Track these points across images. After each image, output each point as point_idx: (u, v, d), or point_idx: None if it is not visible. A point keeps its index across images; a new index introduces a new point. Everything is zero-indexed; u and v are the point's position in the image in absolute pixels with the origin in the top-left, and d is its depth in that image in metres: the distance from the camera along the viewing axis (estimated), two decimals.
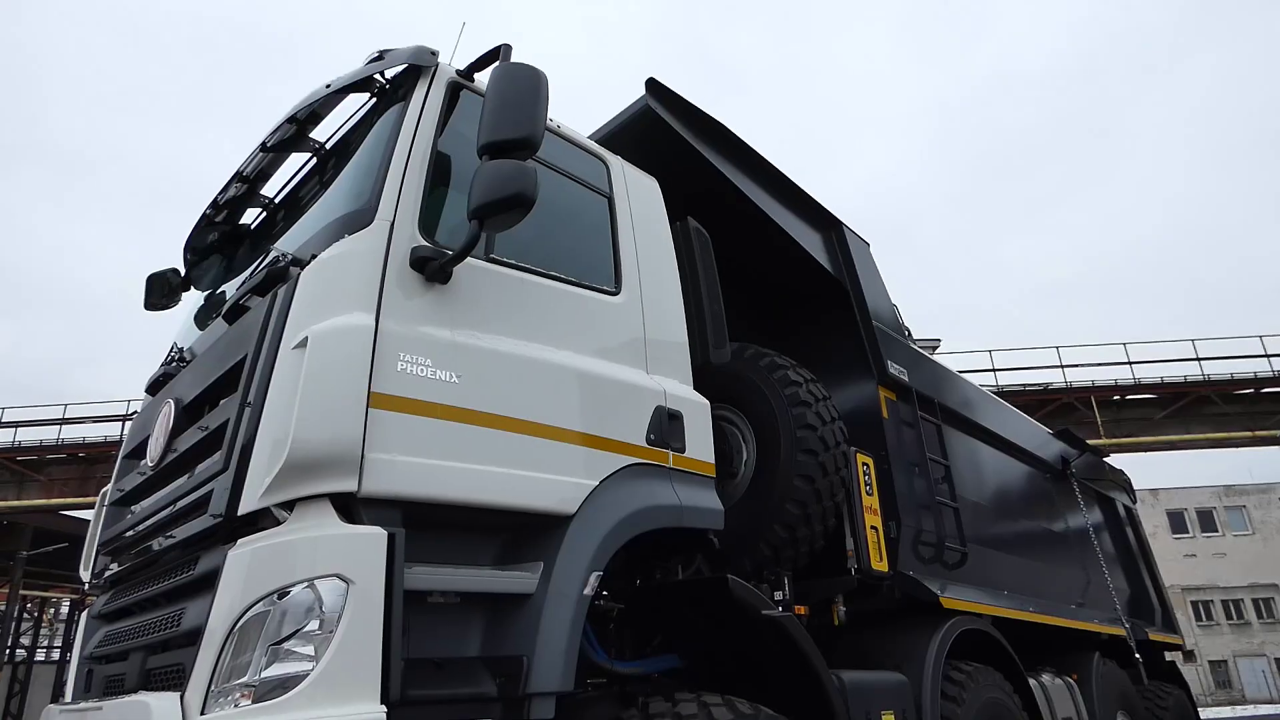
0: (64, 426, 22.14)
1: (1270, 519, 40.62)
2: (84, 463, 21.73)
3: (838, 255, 4.86)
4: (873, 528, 4.10)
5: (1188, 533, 41.17)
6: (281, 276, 2.49)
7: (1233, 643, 39.43)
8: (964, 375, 6.05)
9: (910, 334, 5.50)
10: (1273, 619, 39.77)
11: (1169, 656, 8.16)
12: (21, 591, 25.41)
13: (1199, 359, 21.27)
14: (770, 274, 4.87)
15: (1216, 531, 41.34)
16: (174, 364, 3.23)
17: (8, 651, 25.55)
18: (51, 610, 32.27)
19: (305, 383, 2.14)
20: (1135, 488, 8.82)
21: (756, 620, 3.00)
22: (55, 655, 30.82)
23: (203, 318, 3.40)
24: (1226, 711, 28.48)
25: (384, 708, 1.93)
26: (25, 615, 29.00)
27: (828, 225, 4.91)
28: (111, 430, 21.38)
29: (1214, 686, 37.70)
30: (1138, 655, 6.66)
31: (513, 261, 2.77)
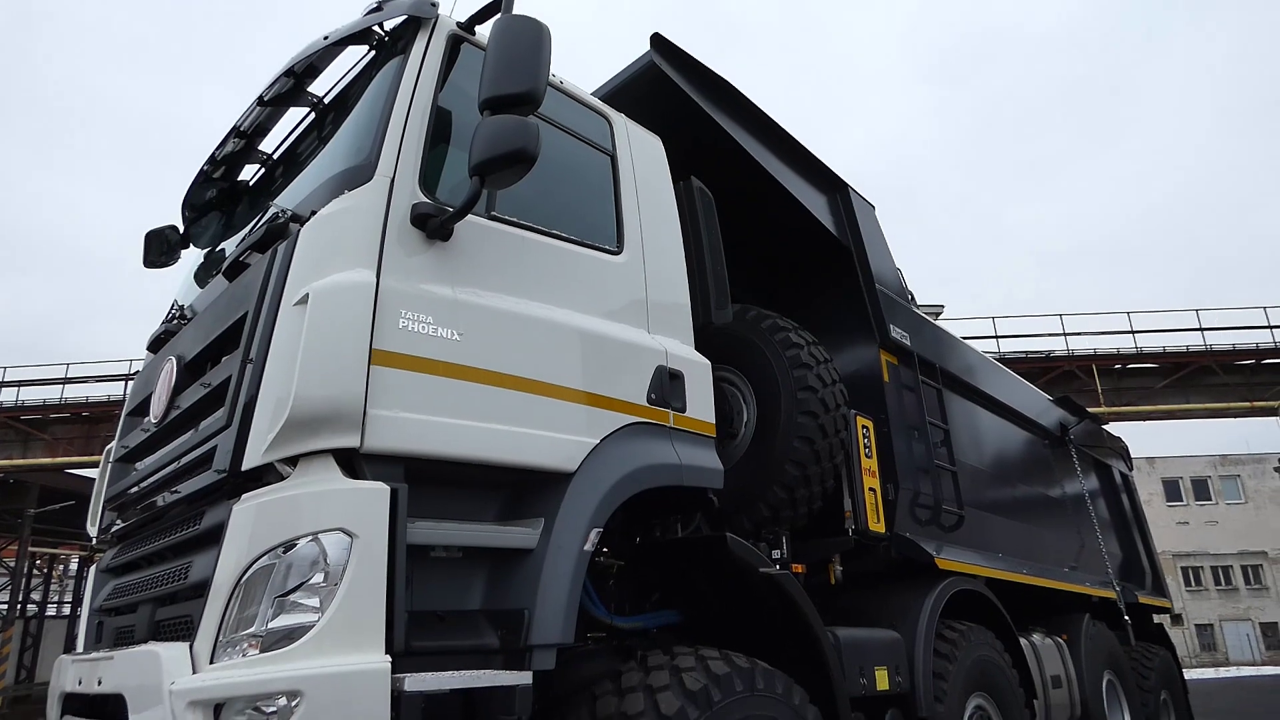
0: (66, 386, 22.18)
1: (1264, 488, 40.92)
2: (88, 422, 21.81)
3: (843, 218, 4.83)
4: (871, 490, 4.14)
5: (1181, 501, 41.53)
6: (281, 233, 2.48)
7: (1219, 607, 40.02)
8: (966, 341, 6.05)
9: (913, 298, 5.49)
10: (1260, 585, 40.30)
11: (1157, 619, 8.29)
12: (30, 549, 25.75)
13: (1202, 329, 21.23)
14: (773, 236, 4.84)
15: (1210, 500, 41.70)
16: (175, 321, 3.23)
17: (19, 607, 25.97)
18: (60, 567, 32.72)
19: (307, 339, 2.14)
20: (1133, 456, 8.88)
21: (754, 578, 3.05)
22: (66, 610, 31.33)
23: (203, 275, 3.39)
24: (1210, 673, 28.99)
25: (388, 657, 1.97)
26: (35, 572, 29.44)
27: (833, 187, 4.87)
28: (114, 390, 21.44)
29: (1199, 649, 38.34)
30: (1127, 618, 6.77)
31: (514, 219, 2.75)
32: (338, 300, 2.21)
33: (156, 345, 3.30)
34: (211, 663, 1.97)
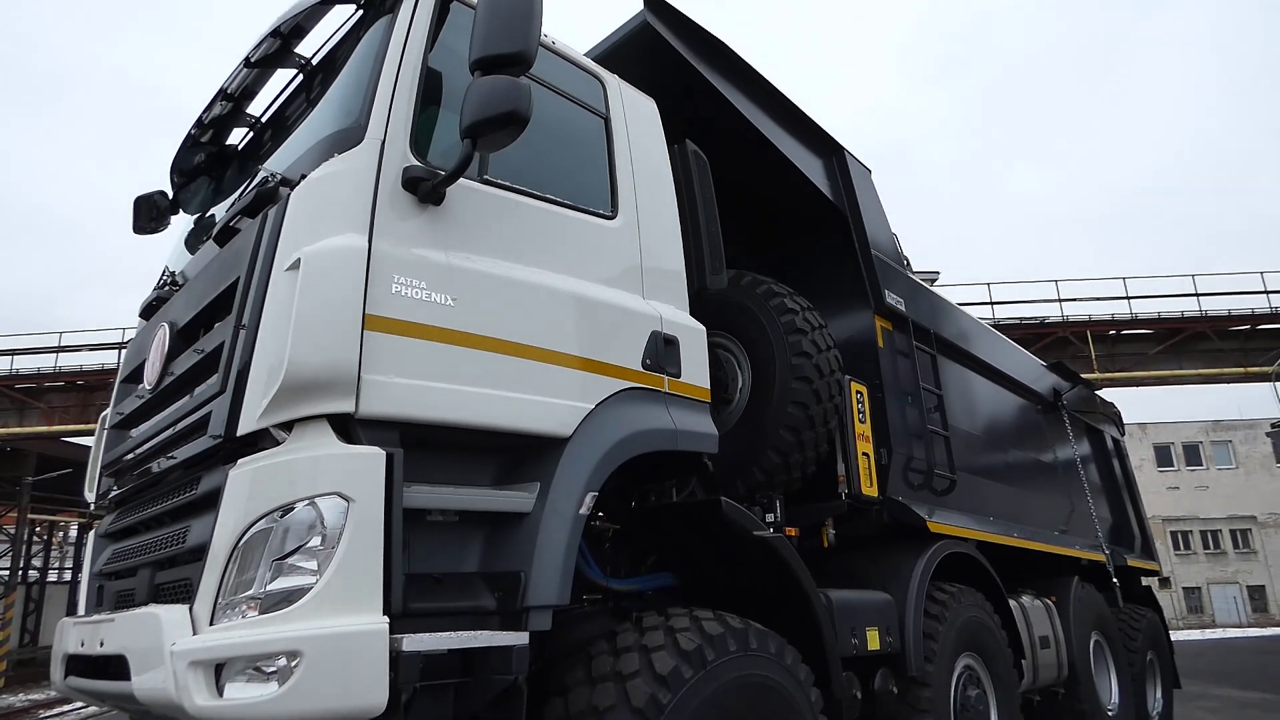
0: (60, 355, 22.14)
1: (1255, 453, 41.29)
2: (83, 390, 21.81)
3: (838, 182, 4.79)
4: (864, 454, 4.17)
5: (1173, 466, 41.92)
6: (271, 197, 2.46)
7: (1207, 571, 40.63)
8: (961, 307, 6.05)
9: (909, 264, 5.48)
10: (1248, 549, 40.88)
11: (1145, 582, 8.42)
12: (29, 516, 25.91)
13: (1197, 294, 21.26)
14: (769, 201, 4.81)
15: (1201, 465, 42.09)
16: (167, 288, 3.21)
17: (20, 573, 26.20)
18: (60, 534, 32.96)
19: (299, 305, 2.13)
20: (1125, 421, 8.94)
21: (748, 541, 3.08)
22: (67, 576, 31.64)
23: (193, 241, 3.37)
24: (1196, 634, 29.55)
25: (386, 619, 1.99)
26: (35, 539, 29.65)
27: (829, 151, 4.83)
28: (108, 358, 21.42)
29: (1186, 611, 39.01)
30: (1115, 580, 6.87)
31: (507, 183, 2.72)
32: (330, 265, 2.20)
33: (149, 312, 3.28)
34: (211, 624, 1.99)
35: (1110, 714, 5.92)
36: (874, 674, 3.65)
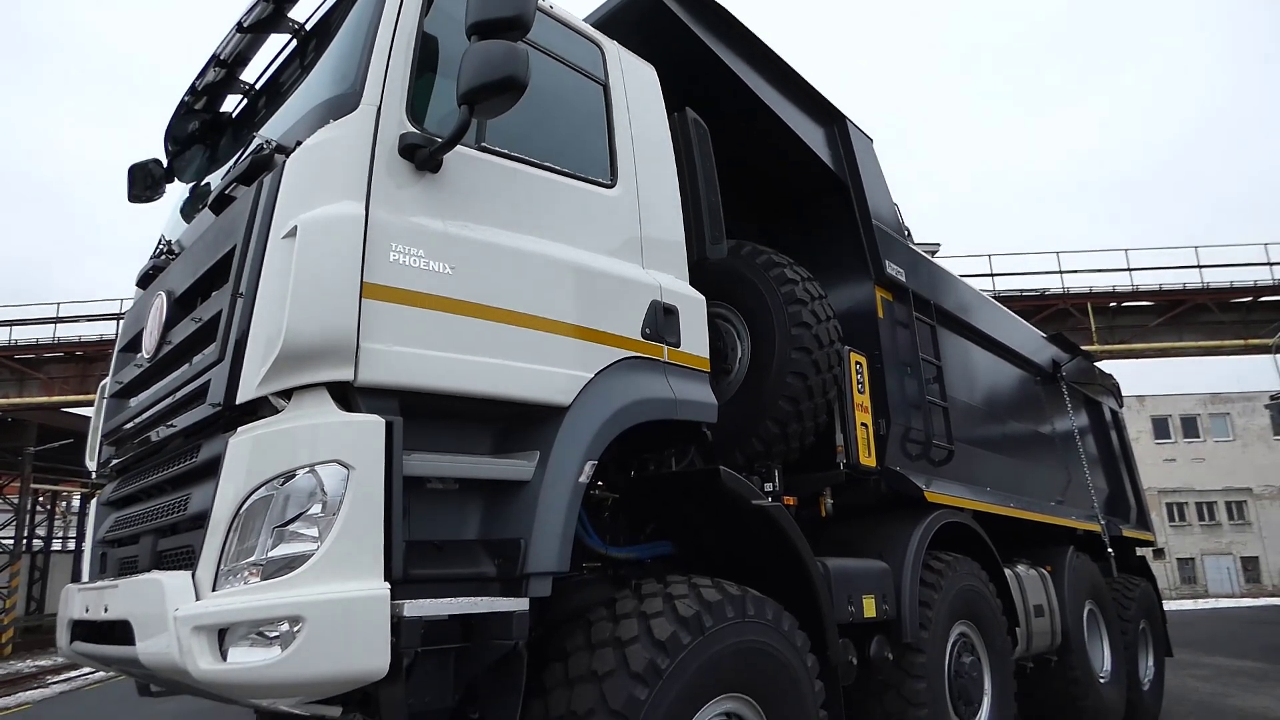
0: (58, 325, 22.12)
1: (1253, 425, 41.45)
2: (82, 361, 21.82)
3: (839, 151, 4.75)
4: (863, 425, 4.18)
5: (1170, 438, 42.12)
6: (266, 164, 2.44)
7: (1202, 542, 41.01)
8: (962, 279, 6.03)
9: (910, 234, 5.45)
10: (1243, 520, 41.22)
11: (1140, 552, 8.49)
12: (32, 485, 26.07)
13: (1200, 266, 21.19)
14: (769, 170, 4.77)
15: (1199, 438, 42.29)
16: (163, 256, 3.20)
17: (25, 542, 26.44)
18: (63, 503, 33.21)
19: (296, 273, 2.12)
20: (1123, 394, 8.96)
21: (746, 509, 3.10)
22: (71, 545, 31.94)
23: (189, 209, 3.35)
24: (1189, 604, 29.89)
25: (387, 584, 2.01)
26: (38, 508, 29.88)
27: (830, 119, 4.78)
28: (106, 329, 21.38)
29: (1179, 582, 39.43)
30: (1110, 550, 6.93)
31: (505, 151, 2.70)
32: (327, 233, 2.18)
33: (145, 281, 3.27)
34: (214, 590, 2.01)
35: (1102, 681, 6.00)
36: (870, 640, 3.70)
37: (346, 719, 2.31)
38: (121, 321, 3.59)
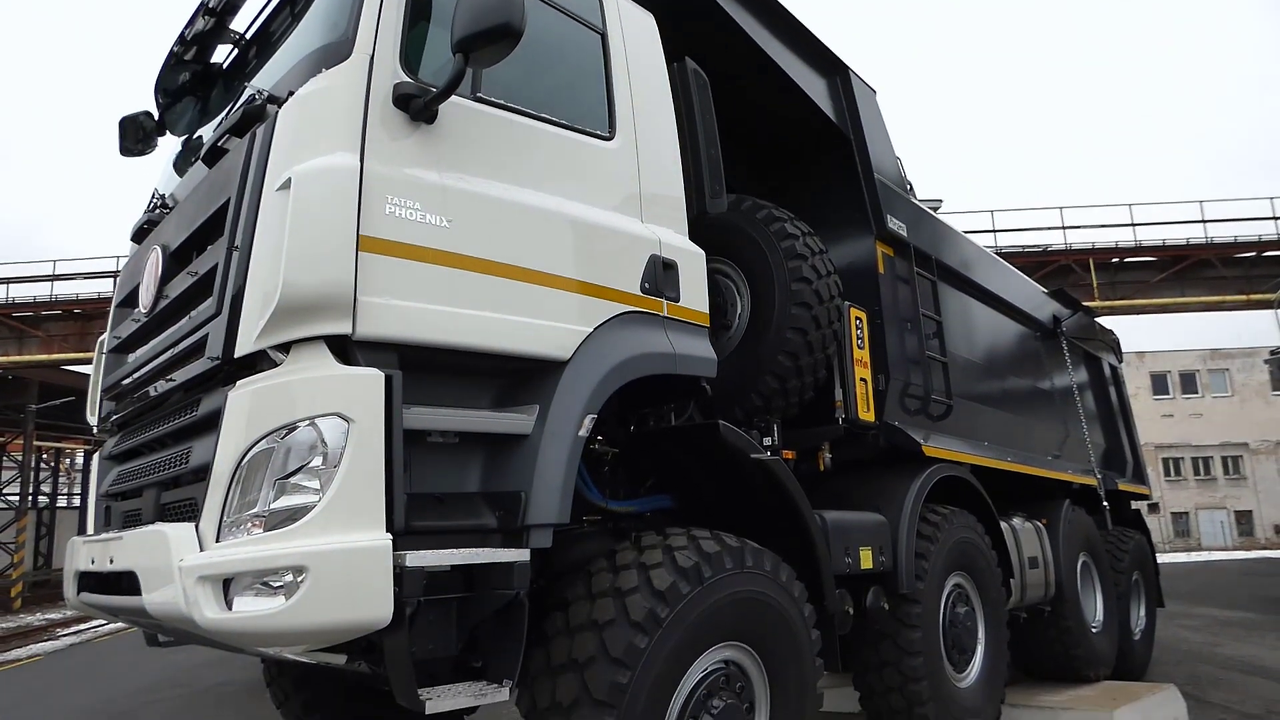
0: (56, 283, 22.05)
1: (1251, 381, 41.59)
2: (81, 319, 21.81)
3: (842, 103, 4.67)
4: (862, 380, 4.19)
5: (1168, 394, 42.31)
6: (259, 116, 2.41)
7: (1196, 496, 41.47)
8: (963, 234, 5.99)
9: (912, 189, 5.40)
10: (1239, 475, 41.63)
11: (1135, 505, 8.58)
12: (35, 443, 26.27)
13: (1204, 221, 21.04)
14: (769, 123, 4.70)
15: (1197, 394, 42.48)
16: (157, 210, 3.17)
17: (30, 498, 26.75)
18: (67, 460, 33.51)
19: (291, 225, 2.11)
20: (1123, 350, 8.95)
21: (746, 463, 3.12)
22: (76, 501, 32.31)
23: (181, 163, 3.31)
24: (1182, 557, 30.35)
25: (389, 535, 2.04)
26: (42, 465, 30.16)
27: (833, 70, 4.70)
28: (104, 286, 21.33)
29: (1173, 535, 39.98)
30: (1105, 504, 7.00)
31: (501, 102, 2.65)
32: (321, 184, 2.16)
33: (140, 235, 3.24)
34: (217, 541, 2.03)
35: (1094, 631, 6.12)
36: (866, 591, 3.75)
37: (351, 667, 2.36)
38: (118, 277, 3.57)
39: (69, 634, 16.11)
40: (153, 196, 3.36)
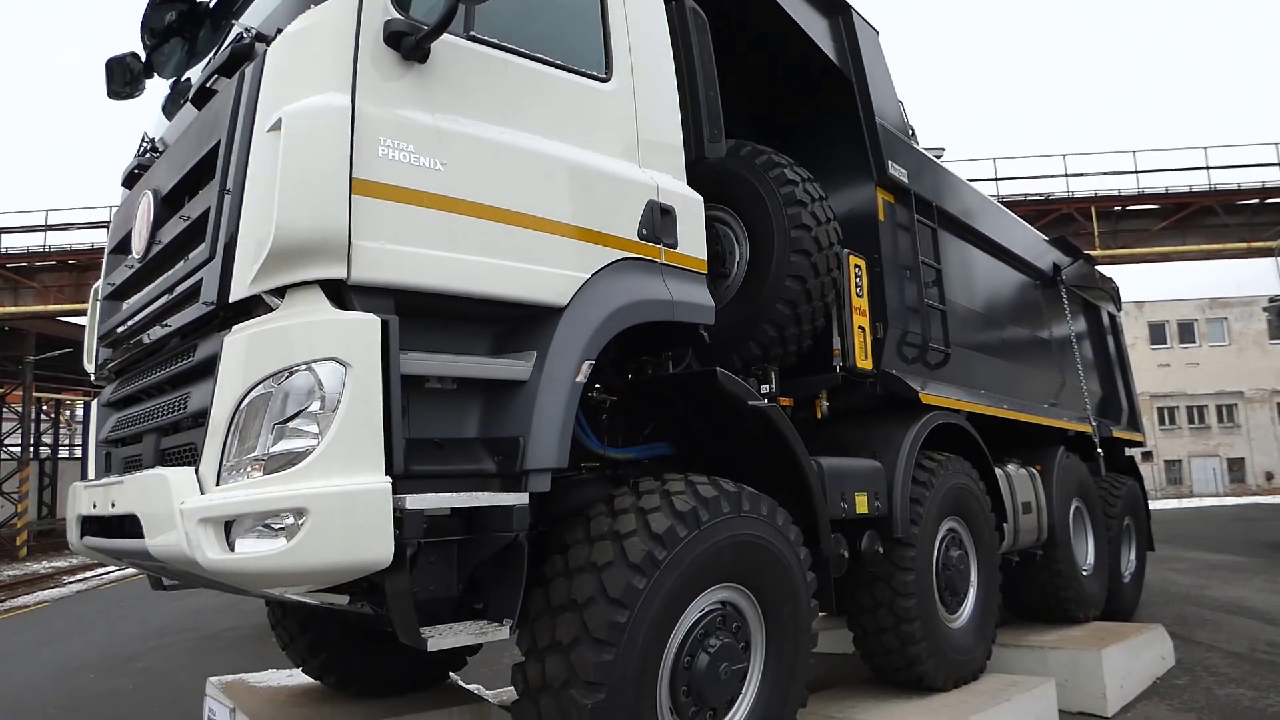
0: (49, 233, 21.85)
1: (1249, 330, 41.67)
2: (76, 270, 21.68)
3: (844, 44, 4.57)
4: (860, 328, 4.19)
5: (1165, 344, 42.44)
6: (247, 54, 2.36)
7: (1190, 444, 41.91)
8: (965, 181, 5.91)
9: (914, 134, 5.31)
10: (1233, 423, 42.01)
11: (1129, 452, 8.66)
12: (35, 394, 26.35)
13: (1208, 168, 20.80)
14: (769, 65, 4.60)
15: (1194, 343, 42.60)
16: (147, 155, 3.12)
17: (32, 449, 26.95)
18: (67, 412, 33.67)
19: (283, 166, 2.07)
20: (1123, 299, 8.94)
21: (743, 411, 3.13)
22: (78, 452, 32.57)
23: (170, 105, 3.24)
24: (1174, 503, 30.82)
25: (389, 478, 2.05)
26: (43, 417, 30.31)
27: (835, 9, 4.58)
28: (98, 237, 21.15)
29: (1165, 483, 40.52)
30: (1100, 450, 7.07)
31: (494, 41, 2.59)
32: (312, 125, 2.12)
33: (131, 180, 3.20)
34: (217, 485, 2.05)
35: (1085, 574, 6.23)
36: (861, 535, 3.81)
37: (354, 608, 2.40)
38: (110, 223, 3.53)
39: (75, 581, 16.39)
40: (142, 141, 3.30)
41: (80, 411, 33.64)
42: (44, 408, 31.04)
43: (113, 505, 2.48)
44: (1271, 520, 19.94)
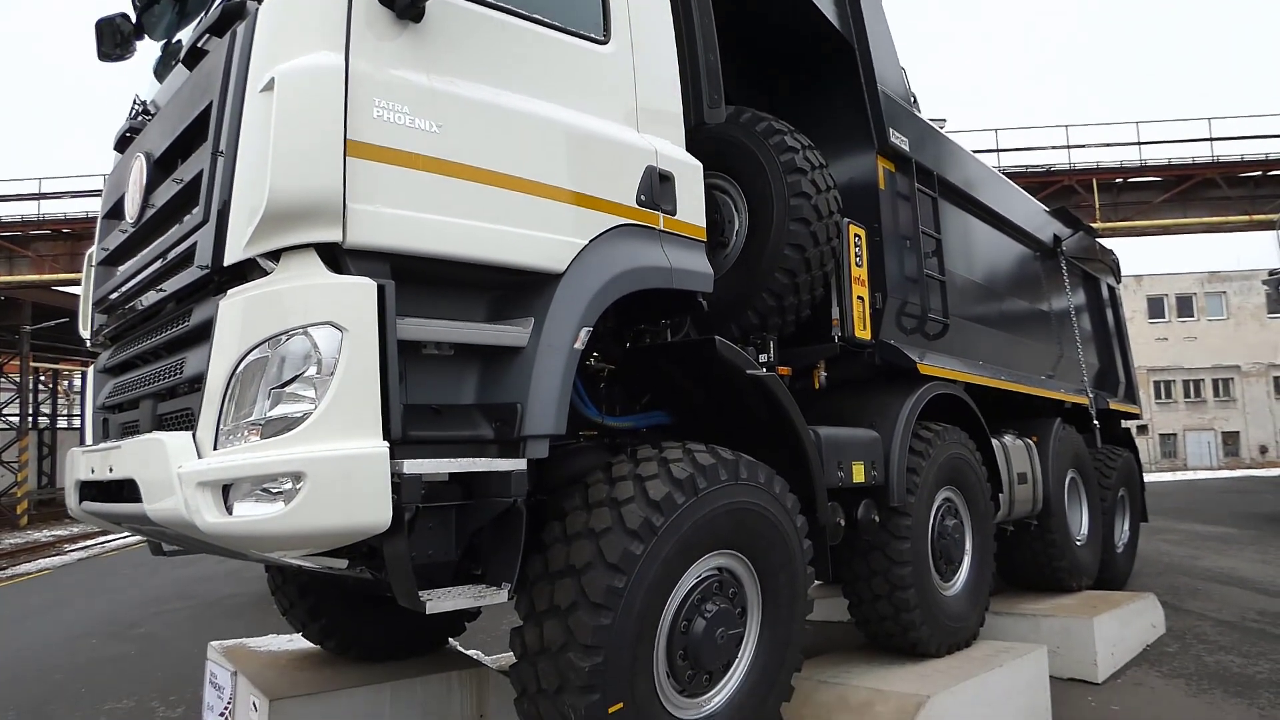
0: (43, 202, 21.67)
1: (1248, 304, 41.67)
2: (70, 239, 21.53)
3: (845, 6, 4.50)
4: (859, 298, 4.17)
5: (1164, 318, 42.46)
6: (238, 13, 2.31)
7: (1185, 418, 42.10)
8: (966, 150, 5.86)
9: (916, 101, 5.25)
10: (1229, 397, 42.16)
11: (1125, 424, 8.69)
12: (32, 364, 26.32)
13: (1211, 139, 20.63)
14: (769, 30, 4.53)
15: (1192, 317, 42.60)
16: (139, 118, 3.07)
17: (31, 419, 26.99)
18: (65, 382, 33.67)
19: (277, 128, 2.04)
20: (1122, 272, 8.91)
21: (741, 379, 3.13)
22: (76, 422, 32.61)
23: (162, 67, 3.19)
24: (1168, 476, 31.05)
25: (386, 443, 2.05)
26: (40, 387, 30.32)
27: None
28: (92, 205, 20.97)
29: (1160, 456, 40.78)
30: (1096, 422, 7.09)
31: (491, 0, 2.54)
32: (305, 85, 2.09)
33: (123, 144, 3.16)
34: (215, 449, 2.04)
35: (1078, 544, 6.28)
36: (858, 504, 3.83)
37: (353, 572, 2.41)
38: (103, 188, 3.49)
39: (76, 549, 16.50)
40: (134, 103, 3.25)
41: (78, 382, 33.64)
42: (41, 378, 31.02)
43: (110, 470, 2.48)
44: (1264, 493, 20.10)
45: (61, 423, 32.23)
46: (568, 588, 2.42)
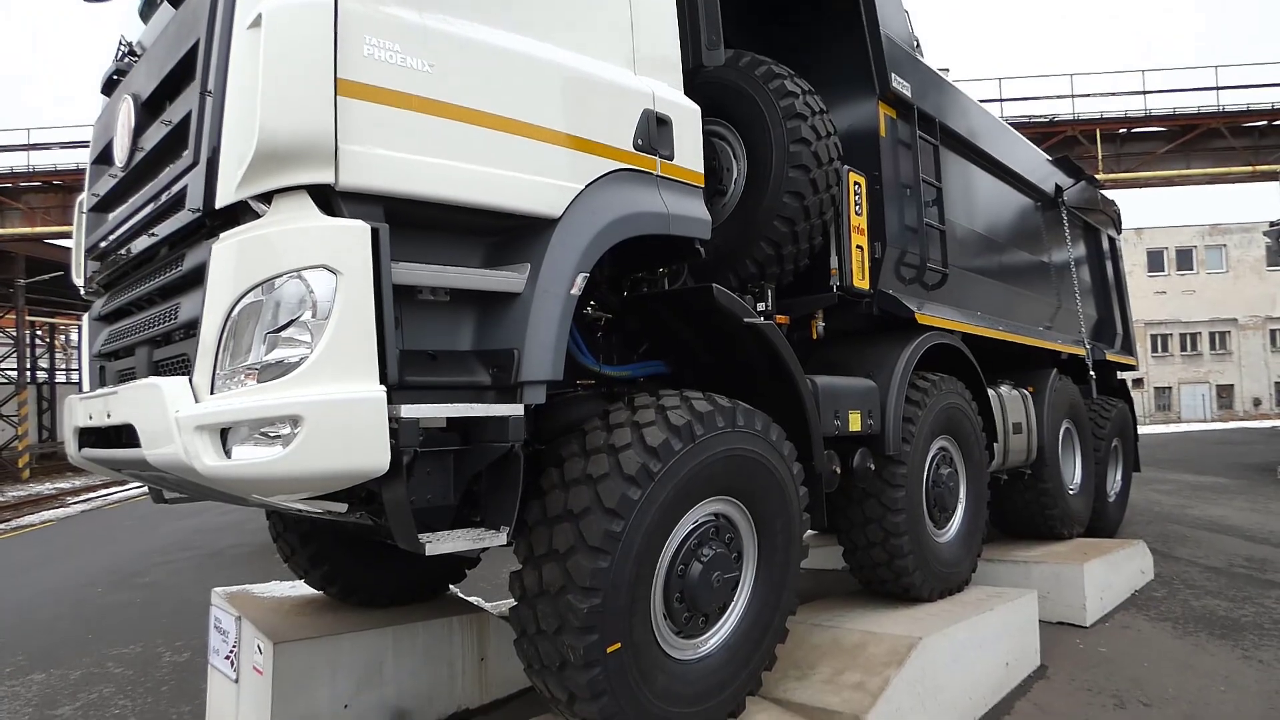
0: (33, 152, 21.32)
1: (1247, 257, 41.50)
2: (61, 190, 21.24)
3: None
4: (858, 247, 4.14)
5: (1163, 271, 42.29)
6: None
7: (1181, 371, 42.24)
8: (969, 96, 5.75)
9: (919, 46, 5.14)
10: (1224, 350, 42.26)
11: (1121, 376, 8.73)
12: (29, 319, 26.23)
13: (1218, 88, 20.30)
14: None
15: (1192, 270, 42.45)
16: (125, 59, 3.00)
17: (28, 373, 27.00)
18: (62, 337, 33.60)
19: (265, 66, 2.00)
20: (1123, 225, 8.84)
21: (738, 327, 3.12)
22: (74, 377, 32.64)
23: (146, 8, 3.10)
24: (1162, 428, 31.32)
25: (383, 387, 2.05)
26: (38, 341, 30.26)
27: None
28: (83, 156, 20.64)
29: (1154, 409, 41.02)
30: (1092, 374, 7.11)
31: None
32: (293, 21, 2.03)
33: (109, 87, 3.09)
34: (211, 394, 2.04)
35: (1071, 493, 6.36)
36: (854, 452, 3.86)
37: (352, 517, 2.43)
38: (91, 133, 3.43)
39: (79, 501, 16.66)
40: (119, 44, 3.17)
41: (75, 335, 33.57)
42: (39, 332, 30.96)
43: (108, 416, 2.48)
44: (1256, 444, 20.29)
45: (60, 377, 32.27)
46: (566, 532, 2.45)
